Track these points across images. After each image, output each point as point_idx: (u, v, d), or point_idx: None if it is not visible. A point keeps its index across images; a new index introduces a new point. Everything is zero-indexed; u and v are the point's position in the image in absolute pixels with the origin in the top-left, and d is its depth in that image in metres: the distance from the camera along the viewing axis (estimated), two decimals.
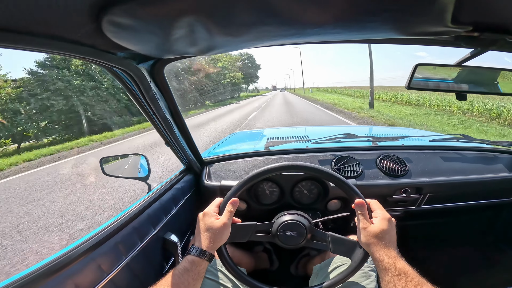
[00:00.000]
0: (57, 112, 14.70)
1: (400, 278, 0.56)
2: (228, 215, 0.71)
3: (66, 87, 14.91)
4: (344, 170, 1.20)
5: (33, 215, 3.37)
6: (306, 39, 0.58)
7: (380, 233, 0.64)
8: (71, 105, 15.02)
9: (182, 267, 0.63)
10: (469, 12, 0.46)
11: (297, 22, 0.48)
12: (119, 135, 11.07)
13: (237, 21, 0.46)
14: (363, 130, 2.25)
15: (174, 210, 1.02)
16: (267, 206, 1.19)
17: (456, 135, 1.43)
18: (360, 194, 0.73)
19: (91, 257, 0.64)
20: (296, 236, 0.76)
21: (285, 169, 0.79)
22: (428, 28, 0.50)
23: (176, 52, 0.61)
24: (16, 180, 5.46)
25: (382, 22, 0.48)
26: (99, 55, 0.55)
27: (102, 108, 16.45)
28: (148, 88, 0.73)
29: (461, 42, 0.59)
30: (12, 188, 4.84)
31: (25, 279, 0.52)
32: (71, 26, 0.43)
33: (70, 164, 6.52)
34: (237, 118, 12.47)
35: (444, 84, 0.81)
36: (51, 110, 14.56)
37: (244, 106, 22.46)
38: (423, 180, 1.17)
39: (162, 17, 0.42)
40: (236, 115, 14.18)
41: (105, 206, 3.38)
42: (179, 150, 1.06)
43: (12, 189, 4.76)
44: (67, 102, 14.89)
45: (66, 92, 14.94)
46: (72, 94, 15.09)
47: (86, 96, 15.71)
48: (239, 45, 0.60)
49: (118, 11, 0.39)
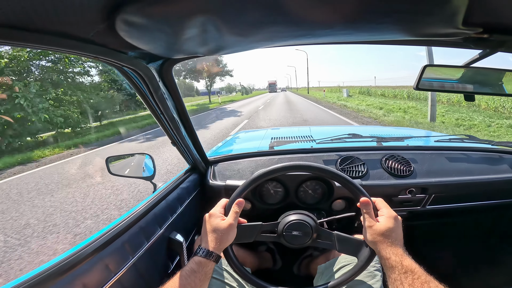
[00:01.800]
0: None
1: (407, 275, 0.56)
2: (234, 216, 0.71)
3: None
4: (349, 170, 1.20)
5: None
6: (316, 40, 0.58)
7: (386, 231, 0.64)
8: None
9: (189, 268, 0.63)
10: (480, 14, 0.46)
11: (308, 23, 0.48)
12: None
13: (248, 20, 0.46)
14: (368, 130, 2.25)
15: (179, 210, 1.03)
16: (271, 206, 1.19)
17: (462, 136, 1.43)
18: (365, 192, 0.73)
19: (99, 257, 0.64)
20: (302, 235, 0.76)
21: (291, 169, 0.79)
22: (439, 29, 0.50)
23: (185, 51, 0.61)
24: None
25: (392, 23, 0.48)
26: (111, 54, 0.55)
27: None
28: (157, 88, 0.73)
29: (470, 44, 0.59)
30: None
31: (35, 279, 0.52)
32: (84, 25, 0.43)
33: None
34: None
35: (450, 85, 0.81)
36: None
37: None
38: (429, 180, 1.17)
39: (174, 16, 0.42)
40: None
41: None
42: (185, 150, 1.06)
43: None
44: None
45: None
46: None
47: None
48: (248, 45, 0.60)
49: (132, 9, 0.39)
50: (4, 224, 3.15)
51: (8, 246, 2.61)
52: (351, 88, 39.70)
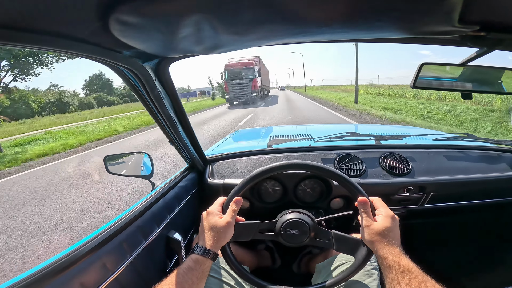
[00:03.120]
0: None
1: (404, 275, 0.56)
2: (231, 214, 0.71)
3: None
4: (347, 169, 1.20)
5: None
6: (312, 38, 0.58)
7: (384, 230, 0.64)
8: None
9: (186, 266, 0.63)
10: (476, 12, 0.46)
11: (304, 21, 0.48)
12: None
13: (243, 19, 0.45)
14: (366, 129, 2.25)
15: (177, 208, 1.02)
16: (270, 204, 1.19)
17: (460, 134, 1.43)
18: (363, 192, 0.73)
19: (97, 255, 0.64)
20: (299, 234, 0.76)
21: (289, 167, 0.79)
22: (435, 27, 0.50)
23: (181, 50, 0.61)
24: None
25: (389, 21, 0.48)
26: (105, 53, 0.54)
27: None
28: (153, 87, 0.72)
29: (468, 42, 0.58)
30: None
31: (31, 279, 0.52)
32: (77, 25, 0.42)
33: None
34: None
35: (448, 83, 0.80)
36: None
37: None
38: (427, 179, 1.17)
39: (169, 14, 0.42)
40: None
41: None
42: (183, 149, 1.06)
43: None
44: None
45: None
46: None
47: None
48: (244, 44, 0.60)
49: (125, 8, 0.39)
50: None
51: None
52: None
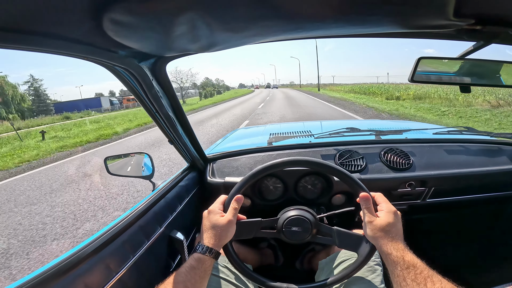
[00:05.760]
0: None
1: (409, 271, 0.56)
2: (233, 212, 0.71)
3: None
4: (348, 165, 1.20)
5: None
6: (307, 34, 0.58)
7: (386, 226, 0.64)
8: None
9: (189, 265, 0.63)
10: (471, 5, 0.45)
11: (298, 17, 0.48)
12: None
13: (237, 16, 0.45)
14: (366, 124, 2.24)
15: (179, 208, 1.03)
16: (271, 201, 1.19)
17: (460, 128, 1.42)
18: (364, 187, 0.72)
19: (100, 256, 0.64)
20: (301, 231, 0.76)
21: (289, 164, 0.79)
22: (430, 21, 0.50)
23: (177, 49, 0.61)
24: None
25: (383, 16, 0.48)
26: (100, 53, 0.53)
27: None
28: (150, 86, 0.72)
29: (464, 35, 0.58)
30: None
31: (37, 280, 0.52)
32: (70, 24, 0.42)
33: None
34: None
35: (447, 77, 0.80)
36: None
37: None
38: (428, 173, 1.16)
39: (162, 13, 0.42)
40: None
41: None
42: (183, 148, 1.06)
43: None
44: None
45: None
46: None
47: None
48: (240, 41, 0.59)
49: (118, 8, 0.39)
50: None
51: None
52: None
